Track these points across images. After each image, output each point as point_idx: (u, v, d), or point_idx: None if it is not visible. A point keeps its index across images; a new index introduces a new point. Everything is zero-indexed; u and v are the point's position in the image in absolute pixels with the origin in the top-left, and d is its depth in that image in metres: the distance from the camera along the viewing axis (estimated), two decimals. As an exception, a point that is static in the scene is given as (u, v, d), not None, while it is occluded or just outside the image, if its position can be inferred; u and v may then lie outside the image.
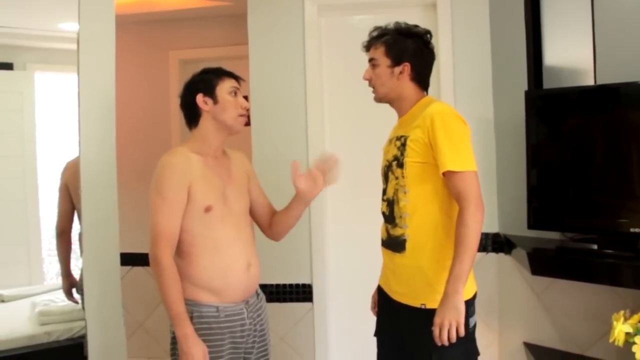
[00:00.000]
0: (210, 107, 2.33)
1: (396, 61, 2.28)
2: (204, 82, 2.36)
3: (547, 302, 3.06)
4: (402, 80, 2.29)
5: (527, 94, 2.92)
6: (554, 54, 3.07)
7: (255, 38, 3.48)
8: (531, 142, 2.88)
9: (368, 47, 2.38)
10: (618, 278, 2.58)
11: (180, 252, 2.24)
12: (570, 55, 3.02)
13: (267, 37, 3.47)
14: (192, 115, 2.38)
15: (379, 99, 2.39)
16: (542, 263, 2.81)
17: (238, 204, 2.38)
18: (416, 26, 2.34)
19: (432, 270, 2.18)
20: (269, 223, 2.58)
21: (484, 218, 2.10)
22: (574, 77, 2.98)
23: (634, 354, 2.30)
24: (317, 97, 3.44)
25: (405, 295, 2.26)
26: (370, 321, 3.49)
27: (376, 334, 2.50)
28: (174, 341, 2.24)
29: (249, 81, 3.47)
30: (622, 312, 2.41)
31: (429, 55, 2.35)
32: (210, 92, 2.33)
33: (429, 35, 2.34)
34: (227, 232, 2.29)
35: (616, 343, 2.37)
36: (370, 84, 2.38)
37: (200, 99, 2.33)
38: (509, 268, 3.22)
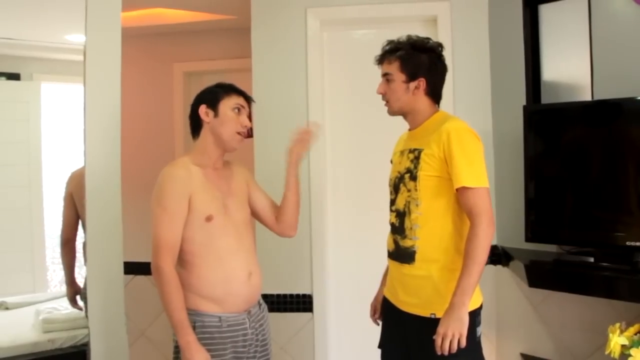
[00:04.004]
0: (211, 119, 2.36)
1: (411, 77, 2.29)
2: (211, 94, 2.40)
3: (544, 314, 3.08)
4: (417, 95, 2.30)
5: (525, 108, 2.96)
6: (552, 70, 3.11)
7: (258, 51, 3.51)
8: (529, 156, 2.91)
9: (381, 60, 2.38)
10: (614, 291, 2.60)
11: (182, 262, 2.26)
12: (568, 70, 3.06)
13: (270, 51, 3.51)
14: (195, 125, 2.42)
15: (392, 113, 2.39)
16: (539, 275, 2.83)
17: (238, 214, 2.40)
18: (429, 39, 2.35)
19: (441, 280, 2.20)
20: (277, 219, 2.58)
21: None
22: (571, 92, 3.02)
23: (629, 366, 2.33)
24: (319, 110, 3.47)
25: (414, 305, 2.26)
26: (370, 332, 3.51)
27: (381, 345, 2.50)
28: (177, 350, 2.25)
29: (252, 93, 3.50)
30: (618, 324, 2.44)
31: (443, 69, 2.36)
32: (213, 105, 2.37)
33: (440, 48, 2.35)
34: (229, 242, 2.31)
35: (612, 355, 2.40)
36: (384, 98, 2.38)
37: (202, 109, 2.36)
38: (506, 280, 3.24)
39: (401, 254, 2.30)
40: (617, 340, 2.38)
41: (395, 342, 2.39)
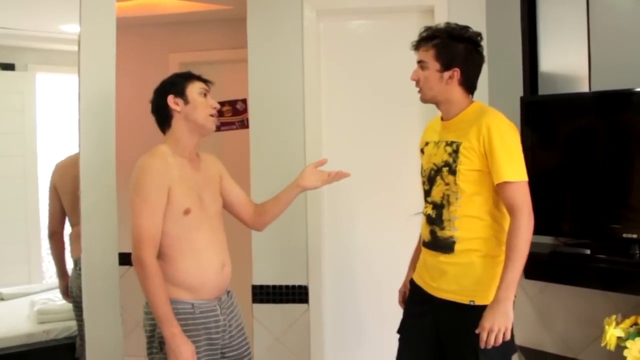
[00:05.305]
0: (182, 107, 2.35)
1: (446, 66, 2.25)
2: (174, 84, 2.39)
3: (540, 306, 3.08)
4: (450, 85, 2.26)
5: (522, 99, 2.94)
6: (549, 61, 3.09)
7: (254, 41, 3.50)
8: (526, 147, 2.88)
9: (417, 47, 2.33)
10: (610, 283, 2.60)
11: (159, 253, 2.26)
12: (566, 62, 3.04)
13: (266, 41, 3.49)
14: (164, 118, 2.40)
15: (425, 101, 2.36)
16: (536, 267, 2.81)
17: (213, 207, 2.42)
18: (467, 28, 2.31)
19: (483, 267, 2.21)
20: (254, 213, 2.61)
21: None
22: (569, 83, 3.00)
23: (625, 358, 2.32)
24: (315, 101, 3.46)
25: (453, 292, 2.25)
26: (365, 322, 3.52)
27: (400, 331, 2.47)
28: (150, 339, 2.29)
29: (248, 84, 3.50)
30: (614, 316, 2.44)
31: (479, 60, 2.32)
32: (181, 93, 2.36)
33: (479, 38, 2.31)
34: (204, 234, 2.33)
35: (608, 347, 2.40)
36: (418, 85, 2.34)
37: (171, 100, 2.36)
38: (503, 272, 3.24)
39: (439, 244, 2.29)
40: (613, 332, 2.38)
41: (423, 331, 2.36)
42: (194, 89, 2.38)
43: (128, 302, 3.08)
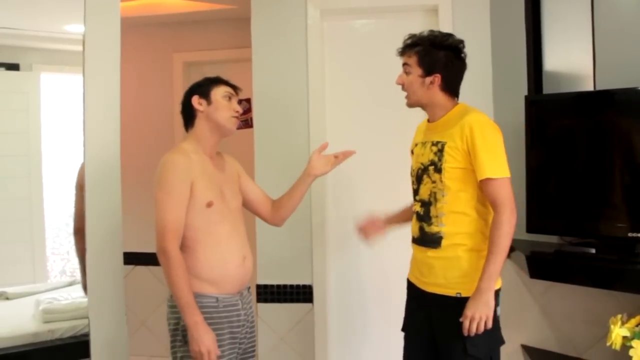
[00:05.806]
0: (205, 107, 2.47)
1: (427, 72, 2.37)
2: (201, 86, 2.51)
3: (545, 305, 3.08)
4: (432, 89, 2.39)
5: (527, 98, 2.94)
6: (554, 59, 3.09)
7: (258, 41, 3.50)
8: (531, 146, 2.90)
9: (402, 53, 2.45)
10: (616, 282, 2.60)
11: (181, 245, 2.32)
12: (570, 60, 3.03)
13: (270, 40, 3.49)
14: (188, 117, 2.52)
15: (410, 105, 2.48)
16: (541, 266, 2.83)
17: (234, 201, 2.51)
18: (450, 35, 2.42)
19: (468, 261, 2.31)
20: (271, 209, 2.71)
21: None
22: (573, 82, 3.00)
23: (630, 357, 2.31)
24: (319, 100, 3.46)
25: (440, 285, 2.35)
26: (370, 322, 3.51)
27: (404, 328, 2.57)
28: (174, 333, 2.33)
29: (252, 83, 3.49)
30: (619, 315, 2.43)
31: (460, 66, 2.44)
32: (206, 95, 2.48)
33: (461, 46, 2.41)
34: (226, 227, 2.40)
35: (613, 346, 2.39)
36: (403, 88, 2.46)
37: (195, 100, 2.47)
38: (507, 271, 3.21)
39: (427, 240, 2.39)
40: (618, 331, 2.38)
41: (420, 324, 2.46)
42: (218, 92, 2.49)
43: (133, 302, 3.09)
